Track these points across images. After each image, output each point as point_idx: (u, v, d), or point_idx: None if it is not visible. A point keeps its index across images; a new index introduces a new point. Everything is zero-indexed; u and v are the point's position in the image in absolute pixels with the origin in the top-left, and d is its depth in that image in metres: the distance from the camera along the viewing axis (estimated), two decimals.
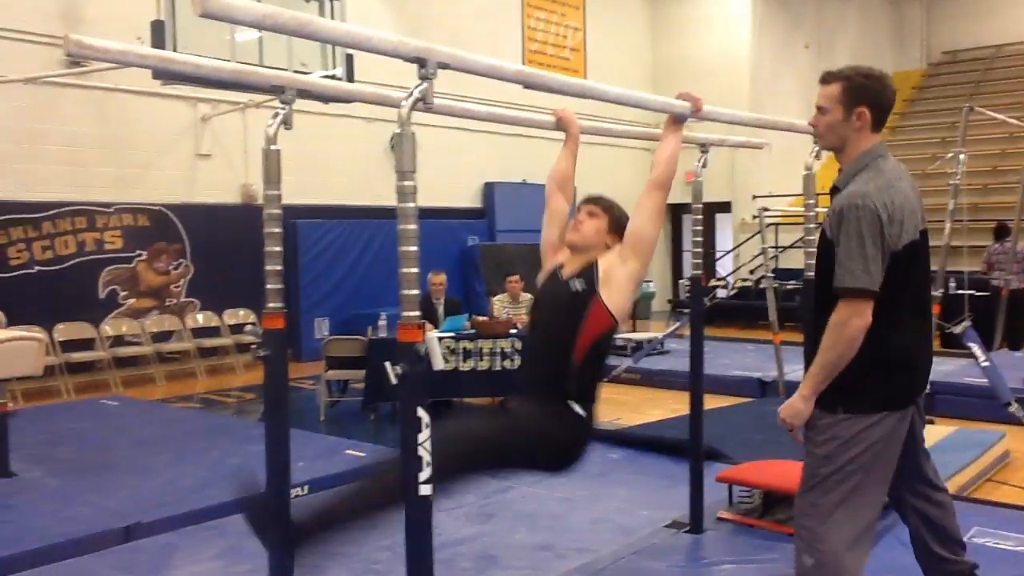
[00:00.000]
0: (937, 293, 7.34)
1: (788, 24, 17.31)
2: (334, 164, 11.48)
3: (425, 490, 2.24)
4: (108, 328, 9.46)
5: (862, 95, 2.62)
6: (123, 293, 9.71)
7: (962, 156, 7.44)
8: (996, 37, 20.11)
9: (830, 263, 2.54)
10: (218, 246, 10.28)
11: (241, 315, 10.46)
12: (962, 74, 20.04)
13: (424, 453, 2.23)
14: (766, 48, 16.31)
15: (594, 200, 3.21)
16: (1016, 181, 9.67)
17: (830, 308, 2.52)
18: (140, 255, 9.83)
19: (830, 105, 2.65)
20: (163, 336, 9.93)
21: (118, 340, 9.52)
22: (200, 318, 10.26)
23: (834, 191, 2.65)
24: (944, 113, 17.75)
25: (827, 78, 2.69)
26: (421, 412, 2.24)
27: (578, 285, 2.90)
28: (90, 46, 2.09)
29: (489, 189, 13.67)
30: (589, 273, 2.93)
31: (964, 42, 20.60)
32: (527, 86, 2.67)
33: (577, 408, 2.82)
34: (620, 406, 8.05)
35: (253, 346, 2.78)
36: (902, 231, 2.50)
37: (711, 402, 4.80)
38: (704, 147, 4.28)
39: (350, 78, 9.11)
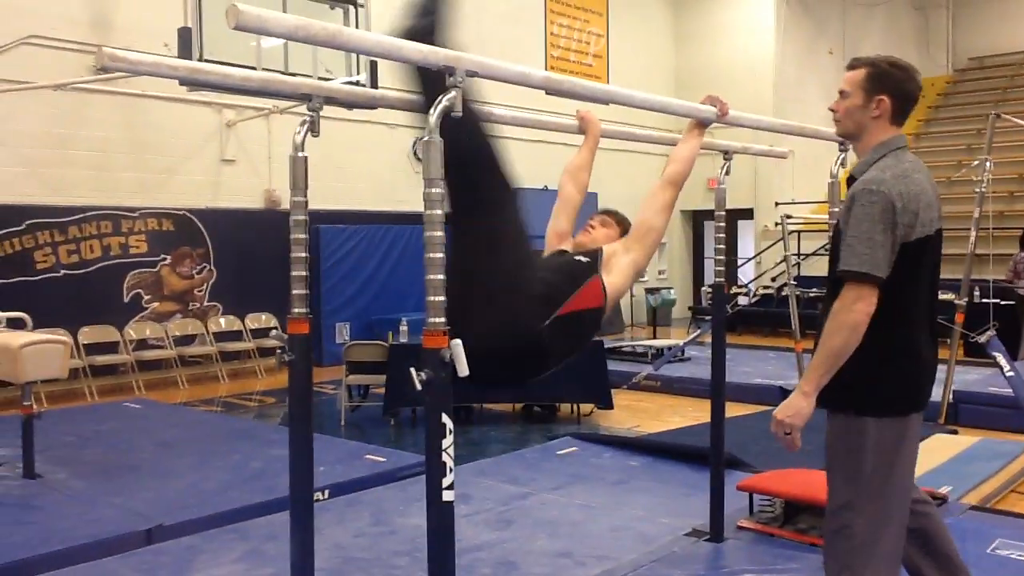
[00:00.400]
0: (962, 302, 7.29)
1: (812, 30, 17.24)
2: (357, 170, 11.55)
3: (448, 496, 2.25)
4: (132, 331, 9.56)
5: (885, 83, 2.56)
6: (147, 297, 9.80)
7: (988, 163, 7.38)
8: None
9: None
10: (241, 251, 10.36)
11: (263, 319, 10.53)
12: (989, 80, 19.88)
13: (448, 459, 2.24)
14: (790, 54, 16.25)
15: (609, 213, 3.30)
16: None
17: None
18: (164, 259, 9.92)
19: (852, 89, 2.60)
20: (186, 340, 10.01)
21: (141, 343, 9.61)
22: (223, 322, 10.35)
23: (851, 181, 2.60)
24: (970, 120, 17.61)
25: (853, 63, 2.65)
26: (445, 418, 2.25)
27: (583, 258, 2.97)
28: (124, 59, 2.12)
29: None
30: (594, 255, 3.01)
31: (991, 48, 20.45)
32: (554, 92, 2.68)
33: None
34: (640, 413, 8.04)
35: (278, 351, 2.80)
36: (916, 222, 2.43)
37: (732, 410, 4.77)
38: (727, 154, 4.27)
39: (374, 84, 9.15)
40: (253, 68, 7.82)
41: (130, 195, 9.65)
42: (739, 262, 15.82)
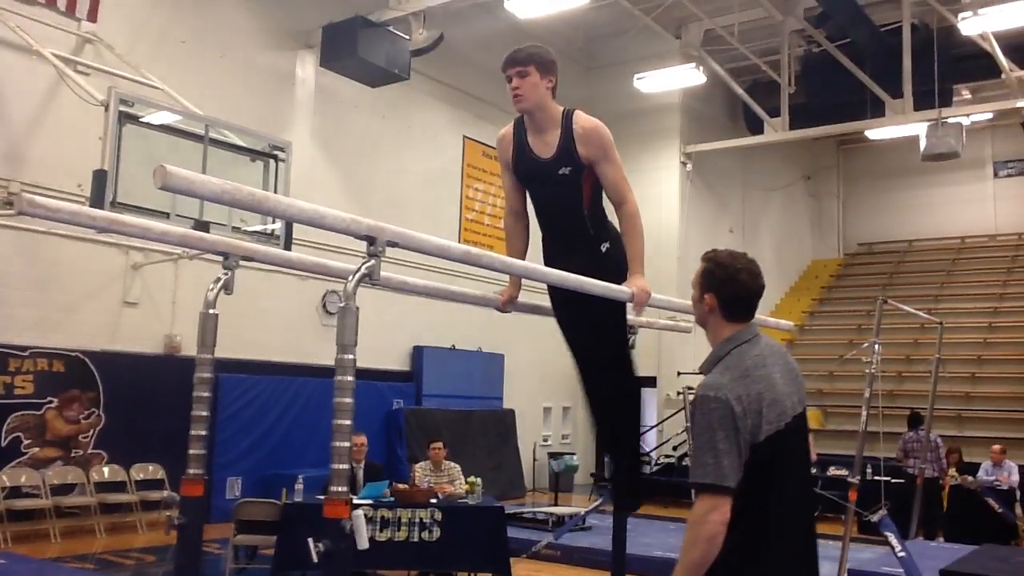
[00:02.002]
0: (854, 479, 7.46)
1: (715, 209, 18.20)
2: (263, 318, 11.37)
3: None
4: (5, 478, 8.93)
5: (711, 282, 2.56)
6: (27, 441, 9.25)
7: (877, 346, 7.75)
8: (908, 233, 21.51)
9: None
10: (135, 397, 9.96)
11: (150, 470, 10.01)
12: (877, 265, 21.20)
13: None
14: (694, 231, 17.03)
15: (513, 60, 3.39)
16: (928, 370, 10.07)
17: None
18: (51, 402, 9.45)
19: (694, 284, 2.63)
20: (64, 489, 9.41)
21: (14, 491, 8.98)
22: (106, 471, 9.78)
23: (702, 374, 2.57)
24: (861, 300, 18.60)
25: (703, 256, 2.66)
26: None
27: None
28: (43, 205, 2.10)
29: (418, 352, 13.66)
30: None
31: (878, 235, 21.98)
32: (473, 264, 2.73)
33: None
34: None
35: (168, 513, 2.67)
36: (762, 422, 2.36)
37: None
38: (633, 328, 4.38)
39: (288, 235, 9.18)
40: (167, 214, 7.80)
41: (22, 332, 9.26)
42: (642, 430, 15.94)
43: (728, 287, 2.53)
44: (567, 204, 3.37)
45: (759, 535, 2.36)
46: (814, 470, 13.04)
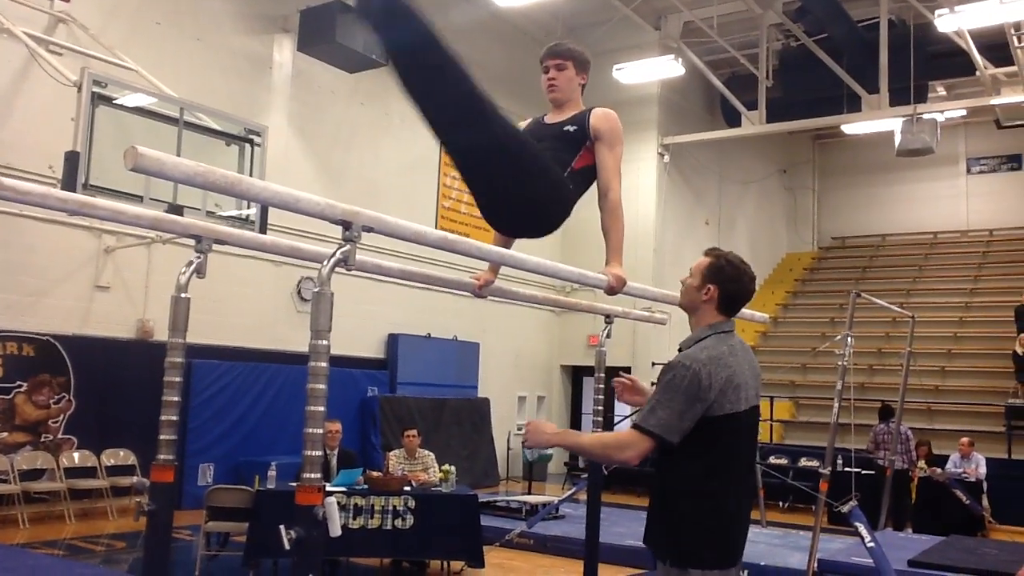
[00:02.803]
0: (826, 470, 7.53)
1: (691, 201, 18.25)
2: (237, 304, 11.28)
3: None
4: None
5: (717, 276, 2.88)
6: None
7: (850, 339, 7.81)
8: (881, 227, 21.70)
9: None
10: (105, 382, 9.86)
11: (121, 455, 9.93)
12: (850, 259, 21.38)
13: None
14: (670, 223, 17.08)
15: (554, 52, 3.51)
16: (899, 364, 10.18)
17: (667, 466, 2.76)
18: (20, 387, 9.33)
19: (695, 273, 2.94)
20: (33, 474, 9.31)
21: None
22: (76, 457, 9.69)
23: (680, 350, 2.88)
24: (834, 294, 18.76)
25: (706, 252, 2.99)
26: None
27: (571, 128, 3.38)
28: (12, 187, 2.06)
29: (393, 340, 13.62)
30: (581, 122, 3.41)
31: (852, 229, 22.17)
32: (449, 250, 2.72)
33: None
34: (512, 572, 7.85)
35: (137, 499, 2.64)
36: (724, 400, 2.69)
37: (605, 572, 4.71)
38: (609, 318, 4.39)
39: (264, 220, 9.12)
40: (141, 197, 7.72)
41: None
42: (616, 419, 16.02)
43: (732, 285, 2.88)
44: (557, 156, 3.36)
45: (709, 488, 2.71)
46: (783, 460, 13.21)
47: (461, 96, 2.89)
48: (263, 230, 8.72)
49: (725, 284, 2.87)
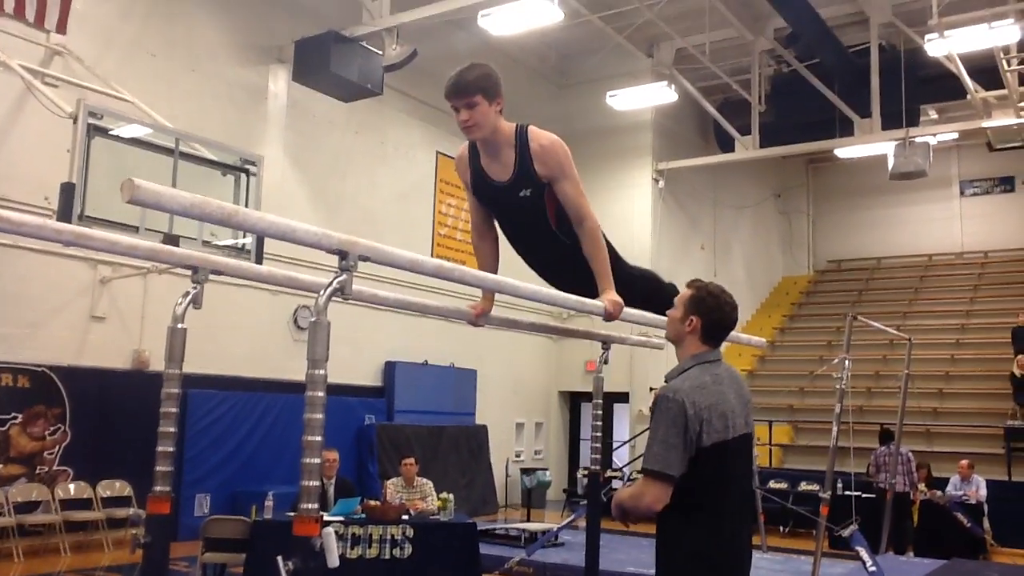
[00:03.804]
0: (826, 494, 7.50)
1: (686, 226, 18.30)
2: (233, 333, 11.25)
3: None
4: None
5: (699, 307, 2.94)
6: None
7: (847, 362, 7.81)
8: (876, 250, 21.77)
9: None
10: (102, 412, 9.82)
11: (117, 487, 9.84)
12: (846, 282, 21.43)
13: None
14: (665, 247, 17.11)
15: (457, 90, 3.23)
16: (897, 386, 10.16)
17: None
18: (15, 418, 9.28)
19: (677, 304, 3.01)
20: (28, 507, 9.23)
21: None
22: (72, 488, 9.61)
23: (665, 381, 2.95)
24: (830, 317, 18.77)
25: (688, 283, 3.07)
26: None
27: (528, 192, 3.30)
28: (6, 219, 2.06)
29: (390, 368, 13.59)
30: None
31: (848, 253, 22.24)
32: (445, 279, 2.72)
33: None
34: None
35: (133, 532, 2.62)
36: (710, 429, 2.73)
37: None
38: (606, 344, 4.39)
39: (260, 249, 9.11)
40: (136, 228, 7.71)
41: None
42: (614, 445, 15.97)
43: (714, 314, 2.94)
44: (533, 225, 3.32)
45: (704, 519, 2.74)
46: (783, 484, 13.14)
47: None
48: (259, 260, 8.71)
49: (707, 314, 2.93)
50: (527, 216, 3.31)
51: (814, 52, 15.32)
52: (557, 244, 3.33)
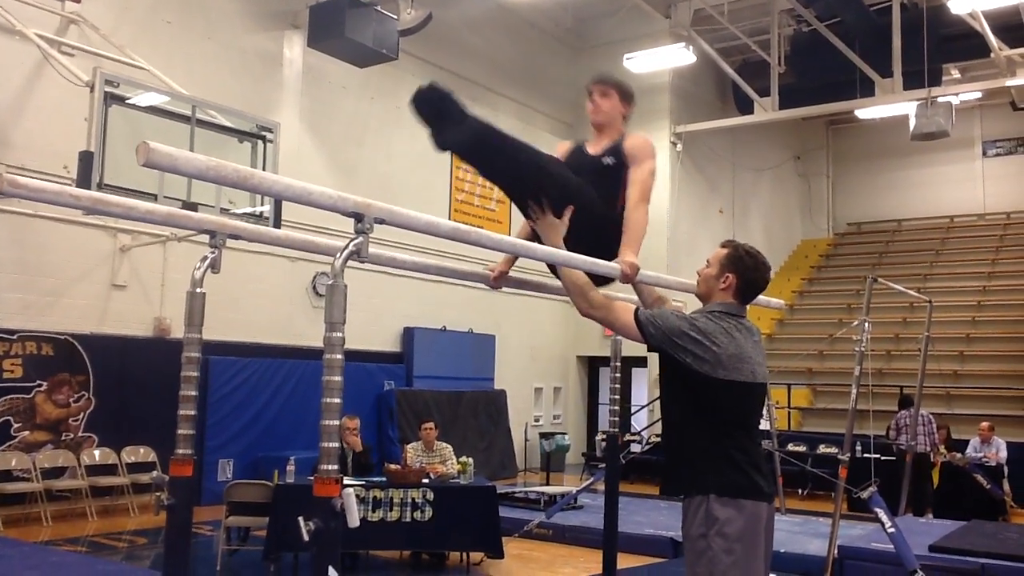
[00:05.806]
0: (845, 457, 7.50)
1: (705, 190, 18.18)
2: (253, 301, 11.35)
3: None
4: None
5: (736, 265, 2.99)
6: (17, 425, 9.23)
7: (867, 324, 7.77)
8: (897, 212, 21.54)
9: (669, 391, 2.96)
10: (124, 380, 9.94)
11: (141, 453, 10.00)
12: (866, 244, 21.25)
13: None
14: (684, 212, 17.03)
15: (600, 80, 3.62)
16: (917, 349, 10.10)
17: (678, 435, 2.89)
18: (40, 386, 9.42)
19: (713, 262, 3.06)
20: (55, 472, 9.40)
21: (5, 475, 8.96)
22: (97, 454, 9.77)
23: None
24: (850, 280, 18.65)
25: (724, 243, 3.12)
26: (332, 572, 2.15)
27: (609, 160, 3.44)
28: (25, 185, 2.07)
29: (409, 334, 13.65)
30: (618, 152, 3.47)
31: (868, 215, 22.02)
32: (461, 241, 2.72)
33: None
34: (531, 563, 7.86)
35: (157, 494, 2.66)
36: (731, 366, 2.82)
37: (624, 561, 4.73)
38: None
39: (277, 216, 9.14)
40: (155, 196, 7.75)
41: (10, 316, 9.22)
42: (633, 409, 16.01)
43: (750, 273, 2.99)
44: (604, 194, 3.45)
45: (726, 433, 2.84)
46: (802, 447, 13.15)
47: (521, 167, 3.18)
48: (277, 225, 8.75)
49: (743, 273, 2.97)
50: (597, 179, 3.43)
51: (834, 11, 15.09)
52: (607, 219, 3.40)
